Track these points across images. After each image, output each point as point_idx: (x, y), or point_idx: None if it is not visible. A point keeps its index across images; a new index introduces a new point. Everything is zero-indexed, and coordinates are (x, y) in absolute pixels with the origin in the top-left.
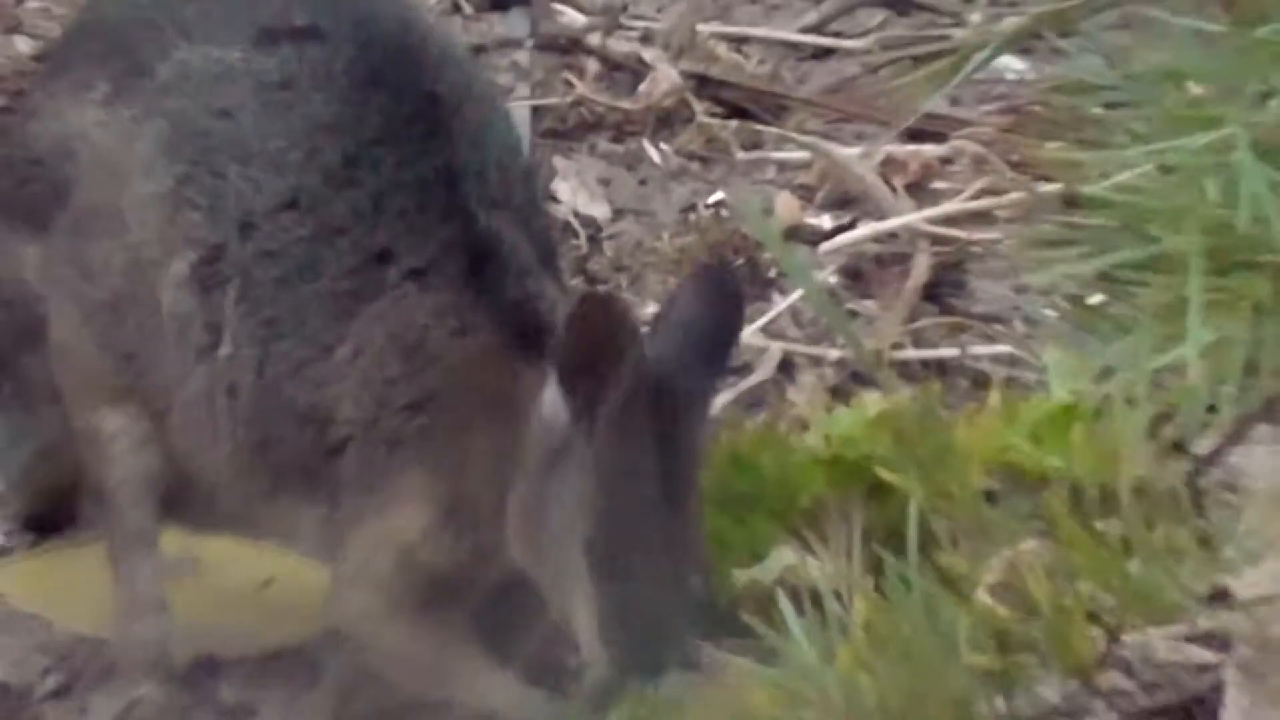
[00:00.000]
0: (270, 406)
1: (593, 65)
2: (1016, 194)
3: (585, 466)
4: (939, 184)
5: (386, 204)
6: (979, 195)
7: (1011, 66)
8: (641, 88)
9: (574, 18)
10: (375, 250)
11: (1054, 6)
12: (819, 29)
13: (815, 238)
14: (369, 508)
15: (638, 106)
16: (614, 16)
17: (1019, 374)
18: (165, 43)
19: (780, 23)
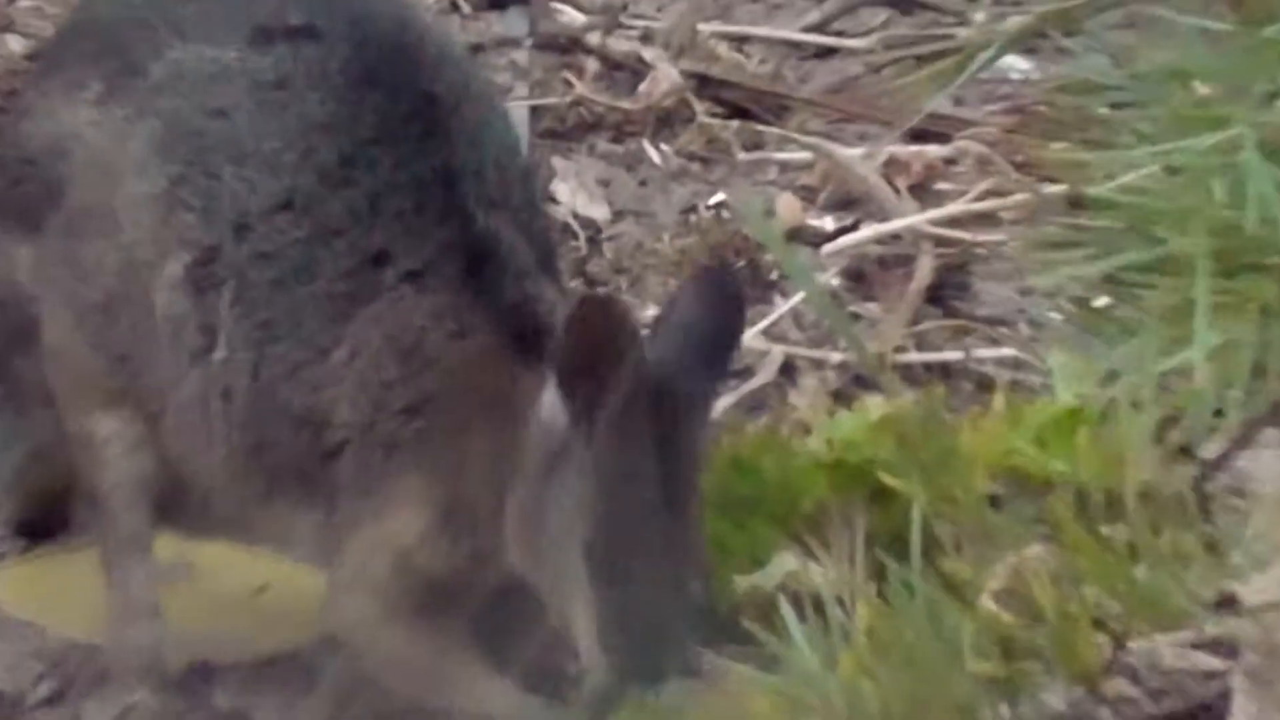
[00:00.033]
0: (266, 410)
1: (592, 65)
2: (1021, 195)
3: (584, 470)
4: (943, 185)
5: (383, 205)
6: (983, 196)
7: (1016, 66)
8: (641, 87)
9: (573, 17)
10: (372, 252)
11: (1059, 5)
12: (821, 28)
13: (817, 239)
14: (365, 511)
15: (638, 106)
16: (614, 15)
17: (1023, 377)
18: (159, 42)
19: (782, 22)
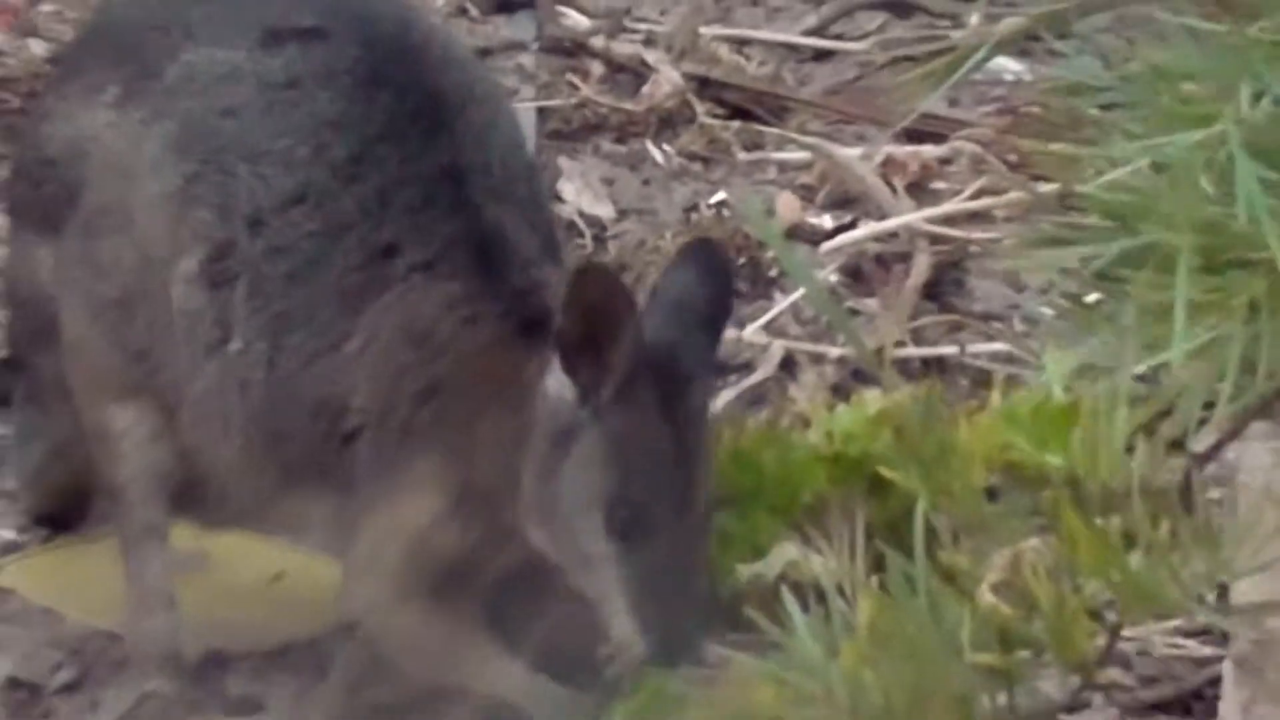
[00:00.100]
0: (281, 400)
1: (597, 67)
2: (1014, 194)
3: (595, 442)
4: (938, 184)
5: (392, 199)
6: (977, 195)
7: (1009, 68)
8: (645, 89)
9: (578, 21)
10: (382, 244)
11: (1050, 8)
12: (819, 31)
13: (816, 237)
14: (381, 496)
15: (641, 108)
16: (617, 19)
17: (1017, 371)
18: (173, 46)
19: (781, 25)
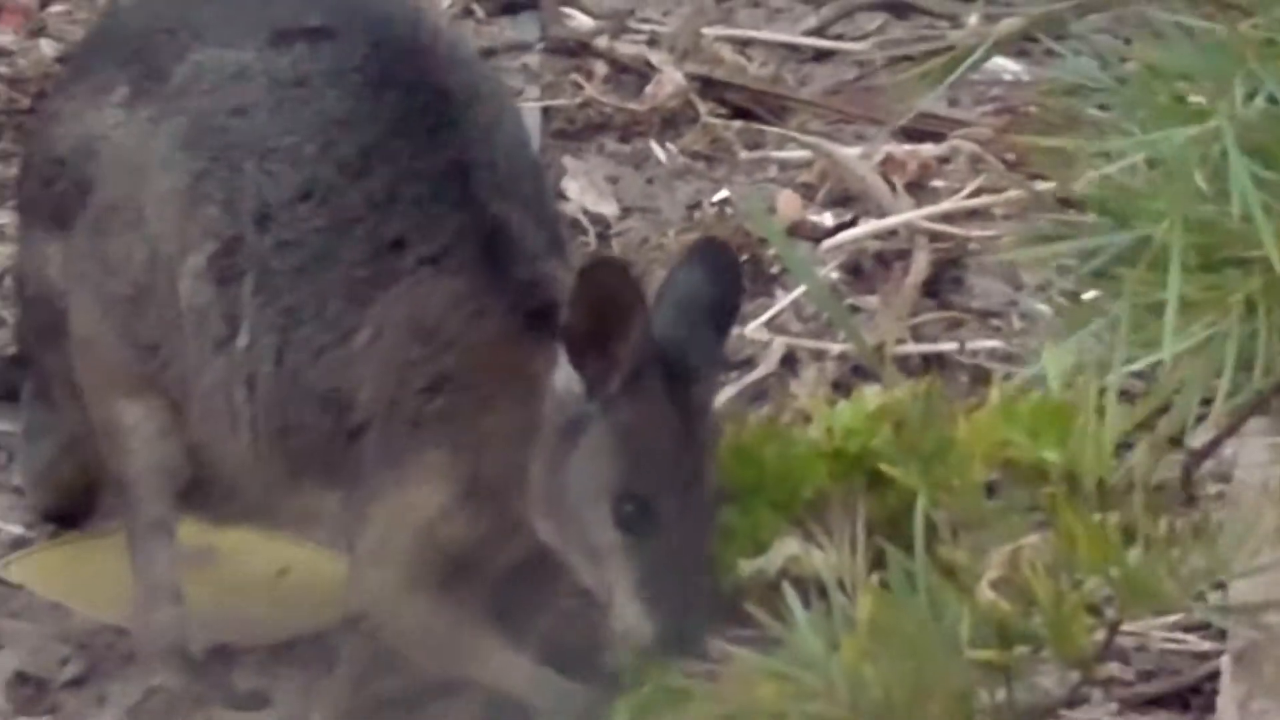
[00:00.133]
0: (290, 394)
1: (601, 68)
2: (1012, 192)
3: (603, 433)
4: (937, 182)
5: (400, 194)
6: (976, 193)
7: (1007, 68)
8: (648, 89)
9: (582, 21)
10: (390, 239)
11: (1048, 9)
12: (820, 32)
13: (817, 235)
14: (388, 487)
15: (644, 108)
16: (621, 20)
17: (1015, 368)
18: (181, 47)
19: (782, 26)
